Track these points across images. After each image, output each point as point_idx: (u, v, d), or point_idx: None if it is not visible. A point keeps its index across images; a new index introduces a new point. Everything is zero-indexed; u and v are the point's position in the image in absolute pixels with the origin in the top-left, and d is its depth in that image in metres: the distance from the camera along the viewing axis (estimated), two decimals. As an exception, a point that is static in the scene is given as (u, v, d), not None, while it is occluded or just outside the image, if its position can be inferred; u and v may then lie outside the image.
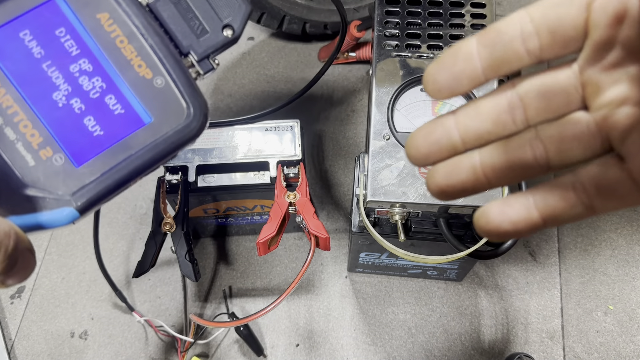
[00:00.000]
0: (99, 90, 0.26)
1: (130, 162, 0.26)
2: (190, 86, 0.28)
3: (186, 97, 0.27)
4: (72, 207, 0.26)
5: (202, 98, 0.28)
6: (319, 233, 0.59)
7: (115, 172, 0.26)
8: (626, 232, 0.79)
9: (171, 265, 0.77)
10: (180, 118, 0.27)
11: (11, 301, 0.76)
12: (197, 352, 0.71)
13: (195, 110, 0.27)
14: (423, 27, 0.58)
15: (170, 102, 0.27)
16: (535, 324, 0.73)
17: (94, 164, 0.26)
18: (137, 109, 0.27)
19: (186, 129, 0.27)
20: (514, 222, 0.22)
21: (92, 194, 0.26)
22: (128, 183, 0.27)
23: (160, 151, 0.27)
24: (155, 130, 0.27)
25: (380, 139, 0.53)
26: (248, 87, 0.93)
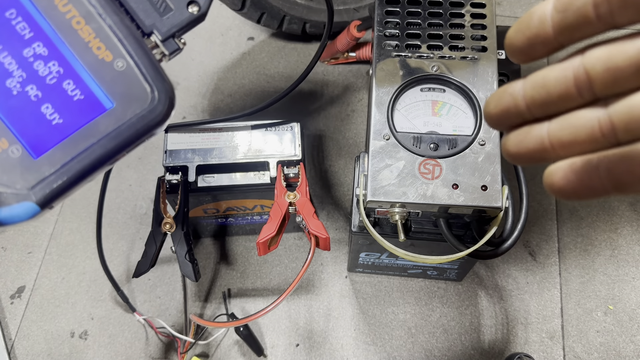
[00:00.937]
0: (56, 76, 0.25)
1: (93, 151, 0.25)
2: (153, 68, 0.26)
3: (150, 80, 0.26)
4: (31, 202, 0.24)
5: (167, 81, 0.26)
6: (319, 233, 0.59)
7: (77, 162, 0.25)
8: (626, 232, 0.79)
9: (171, 265, 0.77)
10: (144, 103, 0.26)
11: (11, 301, 0.76)
12: (197, 352, 0.71)
13: (160, 94, 0.26)
14: (423, 27, 0.58)
15: (132, 85, 0.25)
16: (535, 324, 0.73)
17: (53, 154, 0.24)
18: (97, 94, 0.25)
19: (151, 115, 0.26)
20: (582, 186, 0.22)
21: (53, 187, 0.24)
22: (91, 174, 0.25)
23: (125, 138, 0.25)
24: (117, 116, 0.25)
25: (380, 139, 0.53)
26: (248, 87, 0.93)
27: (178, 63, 0.95)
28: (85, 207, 0.82)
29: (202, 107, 0.91)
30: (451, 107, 0.55)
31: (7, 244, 0.80)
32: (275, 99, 0.65)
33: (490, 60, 0.56)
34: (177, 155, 0.64)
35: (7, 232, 0.81)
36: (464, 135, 0.53)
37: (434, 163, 0.52)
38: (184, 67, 0.95)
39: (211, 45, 0.97)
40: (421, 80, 0.55)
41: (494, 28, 0.58)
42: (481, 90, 0.54)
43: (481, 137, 0.52)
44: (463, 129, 0.53)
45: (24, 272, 0.78)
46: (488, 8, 0.59)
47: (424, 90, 0.55)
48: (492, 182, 0.51)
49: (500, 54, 0.72)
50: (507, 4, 1.01)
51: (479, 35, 0.57)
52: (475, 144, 0.52)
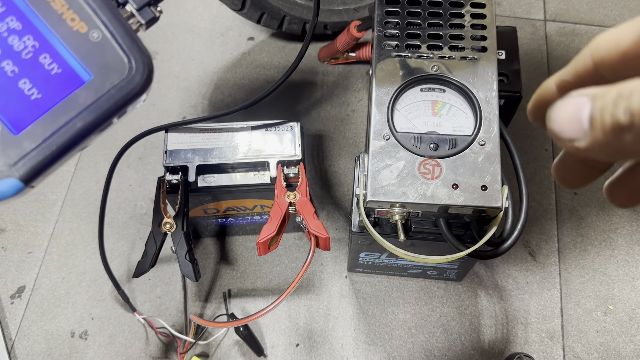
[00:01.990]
0: (32, 50, 0.24)
1: (74, 125, 0.25)
2: (130, 38, 0.25)
3: (126, 50, 0.25)
4: (14, 178, 0.24)
5: (144, 50, 0.26)
6: (319, 233, 0.59)
7: (58, 136, 0.24)
8: (626, 232, 0.79)
9: (171, 265, 0.77)
10: (122, 73, 0.25)
11: (11, 301, 0.76)
12: (197, 352, 0.71)
13: (138, 64, 0.25)
14: (423, 27, 0.58)
15: (109, 56, 0.25)
16: (535, 324, 0.73)
17: (34, 129, 0.24)
18: (74, 67, 0.25)
19: (129, 85, 0.25)
20: None
21: (36, 162, 0.24)
22: (74, 147, 0.25)
23: (105, 110, 0.25)
24: (96, 87, 0.25)
25: (380, 139, 0.53)
26: (248, 87, 0.93)
27: (178, 63, 0.95)
28: (85, 207, 0.82)
29: (202, 107, 0.91)
30: (451, 107, 0.55)
31: (7, 244, 0.80)
32: (268, 91, 0.65)
33: (490, 60, 0.56)
34: (177, 155, 0.64)
35: (7, 232, 0.81)
36: (463, 135, 0.53)
37: (434, 163, 0.52)
38: (184, 67, 0.95)
39: (211, 45, 0.97)
40: (421, 80, 0.55)
41: (494, 28, 0.58)
42: (481, 90, 0.54)
43: (481, 137, 0.52)
44: (463, 129, 0.53)
45: (24, 272, 0.78)
46: (488, 8, 0.59)
47: (424, 90, 0.55)
48: (492, 182, 0.51)
49: (500, 54, 0.73)
50: (507, 4, 1.01)
51: (478, 35, 0.57)
52: (475, 144, 0.52)
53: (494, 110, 0.53)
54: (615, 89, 0.18)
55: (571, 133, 0.20)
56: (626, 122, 0.18)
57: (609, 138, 0.19)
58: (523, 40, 0.96)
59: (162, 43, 0.97)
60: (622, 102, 0.18)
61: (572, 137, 0.20)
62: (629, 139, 0.18)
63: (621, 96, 0.18)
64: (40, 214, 0.82)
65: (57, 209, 0.82)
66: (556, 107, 0.20)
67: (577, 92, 0.20)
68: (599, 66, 0.21)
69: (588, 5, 1.01)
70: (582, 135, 0.19)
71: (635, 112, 0.17)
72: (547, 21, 0.99)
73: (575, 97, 0.20)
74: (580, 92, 0.20)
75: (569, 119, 0.20)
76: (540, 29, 0.98)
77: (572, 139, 0.20)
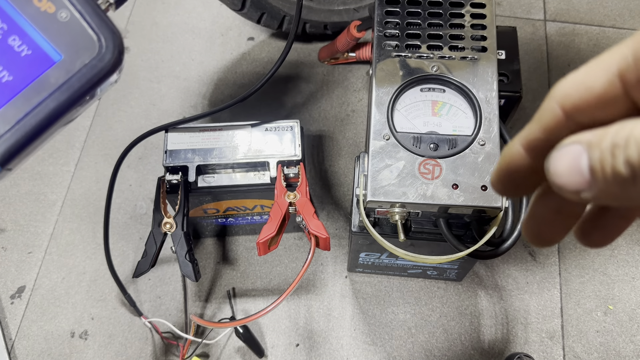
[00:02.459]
0: (0, 32, 0.25)
1: (46, 105, 0.25)
2: (98, 17, 0.26)
3: (95, 28, 0.25)
4: None
5: (113, 28, 0.26)
6: (319, 233, 0.59)
7: (31, 117, 0.25)
8: (626, 232, 0.79)
9: (171, 265, 0.77)
10: (93, 52, 0.25)
11: (11, 301, 0.76)
12: (198, 352, 0.71)
13: (108, 42, 0.26)
14: (423, 27, 0.58)
15: (78, 35, 0.25)
16: (535, 323, 0.73)
17: (6, 112, 0.24)
18: (44, 48, 0.25)
19: (100, 63, 0.25)
20: None
21: (10, 144, 0.24)
22: (47, 128, 0.25)
23: (77, 89, 0.25)
24: (67, 67, 0.25)
25: (380, 139, 0.53)
26: (248, 87, 0.92)
27: (178, 63, 0.95)
28: (85, 207, 0.82)
29: (202, 107, 0.91)
30: (451, 107, 0.55)
31: (7, 244, 0.80)
32: (262, 82, 0.65)
33: (490, 60, 0.56)
34: (177, 155, 0.64)
35: (7, 232, 0.81)
36: (463, 135, 0.53)
37: (434, 163, 0.52)
38: (184, 67, 0.95)
39: (211, 45, 0.97)
40: (421, 80, 0.55)
41: (494, 28, 0.58)
42: (481, 90, 0.54)
43: (481, 137, 0.52)
44: (463, 129, 0.53)
45: (24, 272, 0.78)
46: (488, 8, 0.59)
47: (424, 91, 0.55)
48: (492, 182, 0.50)
49: (500, 54, 0.73)
50: (507, 4, 1.01)
51: (478, 35, 0.57)
52: (475, 144, 0.52)
53: (494, 110, 0.53)
54: (609, 136, 0.18)
55: (575, 185, 0.19)
56: (628, 175, 0.17)
57: (615, 189, 0.18)
58: (523, 40, 0.96)
59: (162, 43, 0.97)
60: (619, 153, 0.17)
61: (577, 189, 0.19)
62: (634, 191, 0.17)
63: (617, 146, 0.17)
64: (40, 214, 0.82)
65: (57, 209, 0.82)
66: (553, 159, 0.19)
67: (570, 139, 0.19)
68: (572, 115, 0.19)
69: (588, 5, 1.01)
70: (587, 187, 0.18)
71: (635, 164, 0.16)
72: (547, 21, 0.99)
73: (569, 145, 0.19)
74: (573, 140, 0.19)
75: (569, 171, 0.19)
76: (540, 29, 0.98)
77: (577, 191, 0.19)
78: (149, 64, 0.95)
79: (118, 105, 0.91)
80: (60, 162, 0.86)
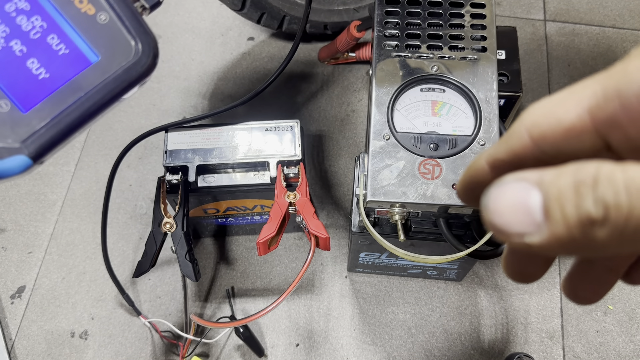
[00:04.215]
0: (40, 30, 0.25)
1: (81, 104, 0.25)
2: (136, 21, 0.26)
3: (133, 32, 0.26)
4: (24, 155, 0.24)
5: (150, 33, 0.26)
6: (319, 233, 0.59)
7: (66, 115, 0.25)
8: (626, 232, 0.79)
9: (171, 265, 0.77)
10: (129, 55, 0.26)
11: (11, 301, 0.76)
12: (198, 352, 0.71)
13: (144, 46, 0.26)
14: (423, 27, 0.58)
15: (116, 38, 0.26)
16: (535, 323, 0.73)
17: (42, 108, 0.25)
18: (82, 48, 0.25)
19: (136, 66, 0.26)
20: None
21: (44, 140, 0.25)
22: (81, 126, 0.26)
23: (111, 90, 0.26)
24: (103, 69, 0.26)
25: (380, 139, 0.53)
26: (248, 87, 0.93)
27: (178, 63, 0.95)
28: (85, 207, 0.83)
29: (202, 107, 0.91)
30: (451, 107, 0.55)
31: (7, 244, 0.80)
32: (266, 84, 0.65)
33: (490, 60, 0.56)
34: (177, 155, 0.64)
35: (7, 232, 0.81)
36: (463, 135, 0.53)
37: (433, 163, 0.52)
38: (184, 67, 0.95)
39: (211, 45, 0.97)
40: (421, 80, 0.55)
41: (494, 28, 0.58)
42: (481, 91, 0.54)
43: (481, 137, 0.52)
44: (463, 129, 0.53)
45: (24, 272, 0.78)
46: (488, 8, 0.59)
47: (423, 91, 0.55)
48: (492, 182, 0.50)
49: (500, 54, 0.73)
50: (507, 4, 1.01)
51: (478, 35, 0.57)
52: (475, 144, 0.52)
53: (494, 110, 0.53)
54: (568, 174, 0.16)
55: (520, 226, 0.16)
56: (599, 216, 0.15)
57: (574, 233, 0.16)
58: (523, 40, 0.96)
59: (162, 43, 0.97)
60: (587, 192, 0.15)
61: (522, 231, 0.16)
62: (601, 235, 0.15)
63: (584, 184, 0.15)
64: (40, 214, 0.82)
65: (57, 209, 0.82)
66: (493, 195, 0.17)
67: (514, 176, 0.17)
68: (539, 143, 0.18)
69: (588, 5, 1.01)
70: (534, 229, 0.16)
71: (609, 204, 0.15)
72: (547, 21, 0.99)
73: (513, 182, 0.17)
74: (518, 177, 0.17)
75: (512, 209, 0.17)
76: (540, 29, 0.98)
77: (520, 234, 0.16)
78: (149, 64, 0.95)
79: (118, 105, 0.91)
80: (60, 162, 0.86)
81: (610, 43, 0.96)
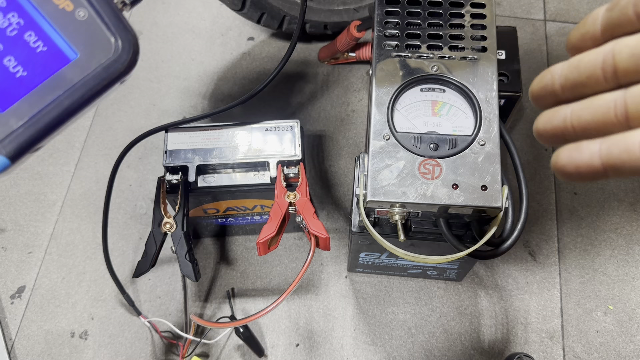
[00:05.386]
0: (17, 27, 0.24)
1: (60, 103, 0.25)
2: (116, 17, 0.26)
3: (112, 29, 0.25)
4: (1, 155, 0.24)
5: (130, 30, 0.26)
6: (319, 233, 0.59)
7: (45, 114, 0.25)
8: (626, 232, 0.79)
9: (171, 265, 0.77)
10: (109, 52, 0.25)
11: (11, 301, 0.76)
12: (198, 352, 0.71)
13: (124, 43, 0.26)
14: (423, 27, 0.58)
15: (95, 35, 0.25)
16: (535, 324, 0.73)
17: (20, 107, 0.24)
18: (60, 45, 0.25)
19: (116, 64, 0.25)
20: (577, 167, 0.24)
21: (22, 140, 0.24)
22: (60, 125, 0.25)
23: (91, 88, 0.25)
24: (82, 66, 0.25)
25: (380, 139, 0.53)
26: (248, 87, 0.93)
27: (178, 63, 0.95)
28: (86, 207, 0.83)
29: (202, 107, 0.91)
30: (451, 107, 0.55)
31: (7, 244, 0.80)
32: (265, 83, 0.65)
33: (490, 60, 0.56)
34: (177, 155, 0.64)
35: (7, 232, 0.81)
36: (463, 135, 0.53)
37: (434, 163, 0.52)
38: (184, 67, 0.95)
39: (211, 45, 0.97)
40: (421, 80, 0.55)
41: (494, 28, 0.58)
42: (481, 91, 0.54)
43: (481, 137, 0.52)
44: (463, 129, 0.53)
45: (24, 272, 0.78)
46: (488, 8, 0.59)
47: (423, 91, 0.55)
48: (492, 182, 0.51)
49: (500, 54, 0.73)
50: (507, 4, 1.01)
51: (478, 35, 0.57)
52: (475, 144, 0.52)
53: (494, 110, 0.53)
54: None
55: None
56: None
57: None
58: (523, 40, 0.96)
59: (162, 43, 0.97)
60: None
61: None
62: None
63: None
64: (40, 214, 0.82)
65: (57, 209, 0.82)
66: None
67: None
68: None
69: (588, 5, 1.01)
70: None
71: None
72: (547, 21, 0.99)
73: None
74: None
75: None
76: (540, 29, 0.98)
77: None
78: (149, 64, 0.95)
79: (118, 105, 0.91)
80: (60, 162, 0.86)
81: (610, 43, 0.96)
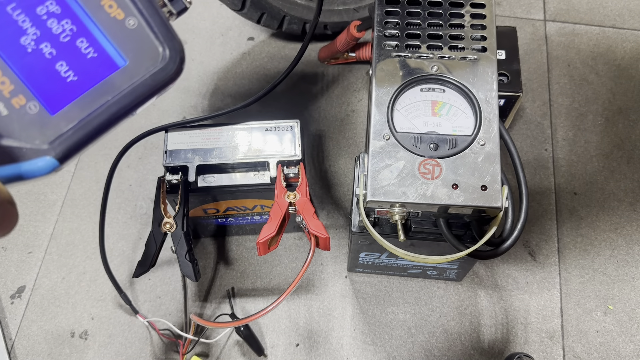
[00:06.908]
0: (70, 34, 0.25)
1: (108, 108, 0.26)
2: (164, 26, 0.26)
3: (160, 38, 0.26)
4: (51, 157, 0.25)
5: (177, 39, 0.27)
6: (319, 233, 0.59)
7: (93, 118, 0.25)
8: (626, 232, 0.79)
9: (171, 265, 0.77)
10: (156, 60, 0.26)
11: (11, 301, 0.76)
12: (198, 352, 0.71)
13: (171, 52, 0.26)
14: (423, 27, 0.58)
15: (144, 43, 0.26)
16: (535, 323, 0.73)
17: (70, 111, 0.25)
18: (110, 52, 0.26)
19: (163, 72, 0.26)
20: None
21: (71, 143, 0.25)
22: (107, 129, 0.26)
23: (138, 95, 0.26)
24: (130, 73, 0.26)
25: (380, 139, 0.53)
26: (248, 87, 0.93)
27: (178, 63, 0.95)
28: (85, 207, 0.83)
29: (202, 107, 0.91)
30: (451, 107, 0.55)
31: (7, 244, 0.80)
32: (267, 90, 0.66)
33: (489, 60, 0.56)
34: (177, 155, 0.64)
35: (7, 232, 0.81)
36: (463, 135, 0.53)
37: (433, 163, 0.52)
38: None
39: (211, 45, 0.97)
40: (421, 80, 0.55)
41: (494, 28, 0.58)
42: (481, 91, 0.54)
43: (481, 137, 0.52)
44: (463, 129, 0.53)
45: (24, 272, 0.78)
46: (488, 8, 0.59)
47: (423, 91, 0.55)
48: (492, 182, 0.51)
49: (500, 54, 0.73)
50: (507, 4, 1.01)
51: (478, 35, 0.57)
52: (475, 144, 0.52)
53: (494, 110, 0.53)
54: None
55: None
56: None
57: None
58: (523, 40, 0.96)
59: (162, 43, 0.97)
60: None
61: None
62: None
63: None
64: (40, 214, 0.82)
65: (57, 209, 0.82)
66: None
67: None
68: None
69: (588, 5, 1.01)
70: None
71: None
72: (547, 21, 0.99)
73: None
74: None
75: None
76: (540, 29, 0.98)
77: None
78: (149, 64, 0.95)
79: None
80: (60, 162, 0.86)
81: (610, 43, 0.96)
